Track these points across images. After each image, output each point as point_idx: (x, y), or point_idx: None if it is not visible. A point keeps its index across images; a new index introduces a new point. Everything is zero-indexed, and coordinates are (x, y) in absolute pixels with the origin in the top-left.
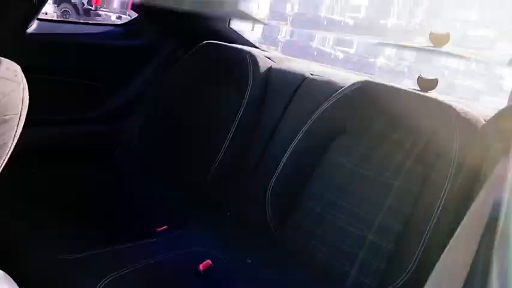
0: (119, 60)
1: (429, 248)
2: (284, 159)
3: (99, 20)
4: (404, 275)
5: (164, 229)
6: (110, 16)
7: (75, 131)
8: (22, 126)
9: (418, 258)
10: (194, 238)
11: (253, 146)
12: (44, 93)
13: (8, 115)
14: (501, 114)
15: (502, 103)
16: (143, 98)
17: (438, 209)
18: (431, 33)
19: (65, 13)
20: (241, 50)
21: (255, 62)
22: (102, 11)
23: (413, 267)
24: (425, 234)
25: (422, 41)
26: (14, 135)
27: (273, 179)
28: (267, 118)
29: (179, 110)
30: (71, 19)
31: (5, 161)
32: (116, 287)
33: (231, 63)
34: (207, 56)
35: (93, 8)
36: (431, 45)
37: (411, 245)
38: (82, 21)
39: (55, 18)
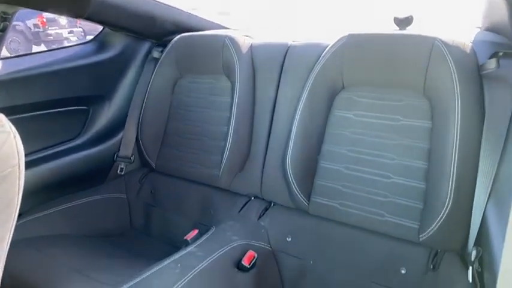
0: (98, 77)
1: (459, 177)
2: (293, 129)
3: (51, 39)
4: (444, 209)
5: (195, 234)
6: (62, 33)
7: (68, 161)
8: (23, 176)
9: (452, 190)
10: (228, 233)
11: (258, 126)
12: (27, 133)
13: (6, 170)
14: None
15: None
16: (131, 107)
17: (455, 139)
18: (395, 18)
19: (14, 42)
20: (217, 35)
21: (235, 44)
22: (51, 29)
23: (451, 199)
24: (452, 166)
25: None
26: (18, 189)
27: (289, 153)
28: (264, 94)
29: (174, 109)
30: (22, 47)
31: (15, 219)
32: None
33: (212, 50)
34: (184, 48)
35: (41, 30)
36: (397, 28)
37: (441, 178)
38: (47, 49)
39: (3, 50)
